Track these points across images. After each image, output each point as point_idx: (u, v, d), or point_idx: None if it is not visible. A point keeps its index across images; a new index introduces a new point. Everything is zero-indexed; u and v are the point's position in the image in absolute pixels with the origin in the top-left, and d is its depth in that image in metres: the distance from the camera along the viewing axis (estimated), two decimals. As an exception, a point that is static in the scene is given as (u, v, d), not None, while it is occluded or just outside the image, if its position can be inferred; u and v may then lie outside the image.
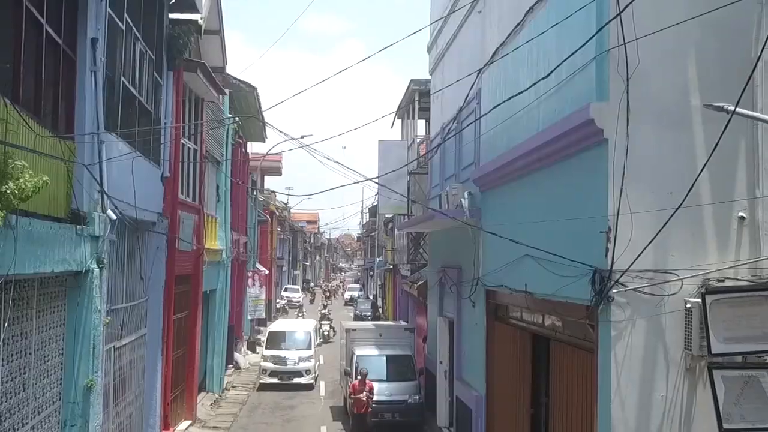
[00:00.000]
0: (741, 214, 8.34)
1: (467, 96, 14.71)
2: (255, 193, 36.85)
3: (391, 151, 24.16)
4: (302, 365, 26.36)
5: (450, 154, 17.80)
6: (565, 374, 10.29)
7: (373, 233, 59.93)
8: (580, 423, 9.54)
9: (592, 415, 8.80)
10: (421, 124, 29.14)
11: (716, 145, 7.47)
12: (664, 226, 7.80)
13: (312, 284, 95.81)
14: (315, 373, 26.76)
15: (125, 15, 12.40)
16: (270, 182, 58.84)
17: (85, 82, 10.32)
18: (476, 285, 14.35)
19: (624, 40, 8.09)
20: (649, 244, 7.90)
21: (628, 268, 8.02)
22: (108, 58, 11.25)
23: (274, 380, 25.84)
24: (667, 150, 8.30)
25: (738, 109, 7.22)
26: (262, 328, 40.50)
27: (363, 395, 18.35)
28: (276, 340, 27.55)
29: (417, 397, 19.57)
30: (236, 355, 30.07)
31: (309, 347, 27.35)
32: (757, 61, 7.46)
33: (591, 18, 8.72)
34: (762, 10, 8.45)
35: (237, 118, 24.66)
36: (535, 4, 11.04)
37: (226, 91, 22.56)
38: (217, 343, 23.84)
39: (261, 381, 26.15)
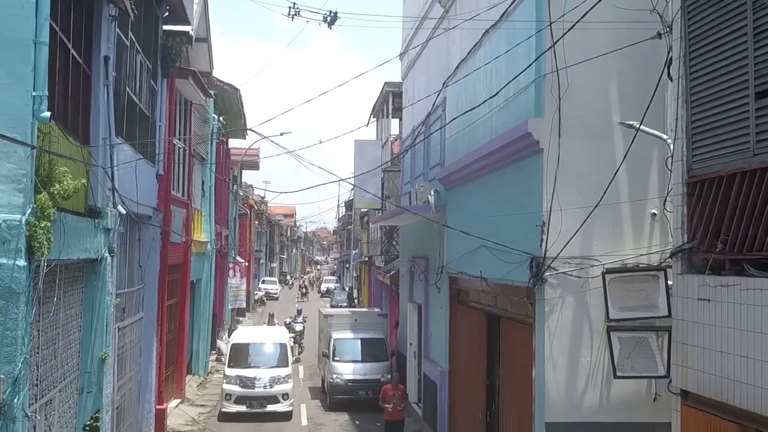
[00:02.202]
0: (653, 211, 10.14)
1: (434, 103, 16.44)
2: (236, 188, 38.35)
3: (366, 149, 25.93)
4: (277, 388, 20.60)
5: (419, 154, 19.52)
6: (512, 347, 12.07)
7: (349, 227, 61.52)
8: (524, 388, 11.29)
9: (532, 379, 10.57)
10: (394, 123, 30.85)
11: (626, 154, 9.26)
12: (586, 219, 9.57)
13: (288, 276, 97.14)
14: (293, 398, 21.22)
15: (129, 32, 13.94)
16: (248, 176, 60.18)
17: (99, 95, 11.85)
18: (441, 272, 16.09)
19: (557, 68, 9.84)
20: (574, 235, 9.67)
21: (557, 255, 9.79)
22: (116, 72, 12.80)
23: (242, 408, 20.22)
24: (592, 158, 10.06)
25: (642, 127, 8.97)
26: (241, 318, 42.19)
27: (398, 405, 16.98)
28: (241, 355, 21.66)
29: (389, 376, 21.28)
30: (219, 342, 31.64)
31: (285, 364, 21.57)
32: (657, 85, 9.14)
33: (531, 47, 10.46)
34: (669, 40, 10.22)
35: (222, 118, 26.19)
36: (489, 28, 12.76)
37: (212, 92, 24.08)
38: (203, 329, 25.44)
39: (224, 410, 20.37)
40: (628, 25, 9.87)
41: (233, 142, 37.57)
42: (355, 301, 48.70)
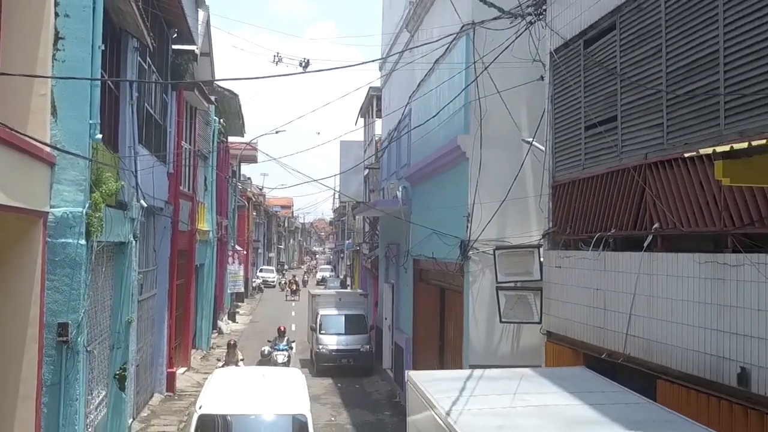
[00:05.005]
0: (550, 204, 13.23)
1: (403, 112, 19.56)
2: (234, 182, 41.45)
3: (351, 150, 29.11)
4: None
5: (393, 155, 22.66)
6: (451, 311, 15.23)
7: (344, 218, 64.51)
8: (458, 341, 14.45)
9: (461, 334, 13.72)
10: (378, 123, 33.91)
11: (523, 162, 12.40)
12: (497, 210, 12.68)
13: (286, 266, 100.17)
14: None
15: (147, 58, 17.03)
16: (246, 168, 63.06)
17: (126, 112, 14.95)
18: (407, 256, 19.24)
19: (478, 96, 12.96)
20: (489, 222, 12.80)
21: (477, 238, 12.94)
22: (138, 92, 15.89)
23: None
24: (505, 165, 13.13)
25: (534, 143, 12.09)
26: (239, 303, 45.39)
27: None
28: None
29: (368, 346, 24.58)
30: (219, 323, 34.84)
31: None
32: (543, 113, 12.21)
33: (462, 79, 13.57)
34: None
35: (222, 120, 29.29)
36: (439, 57, 15.85)
37: (213, 99, 27.17)
38: (206, 308, 28.59)
39: None
40: (533, 64, 12.96)
41: (232, 138, 40.64)
42: (348, 287, 51.81)
